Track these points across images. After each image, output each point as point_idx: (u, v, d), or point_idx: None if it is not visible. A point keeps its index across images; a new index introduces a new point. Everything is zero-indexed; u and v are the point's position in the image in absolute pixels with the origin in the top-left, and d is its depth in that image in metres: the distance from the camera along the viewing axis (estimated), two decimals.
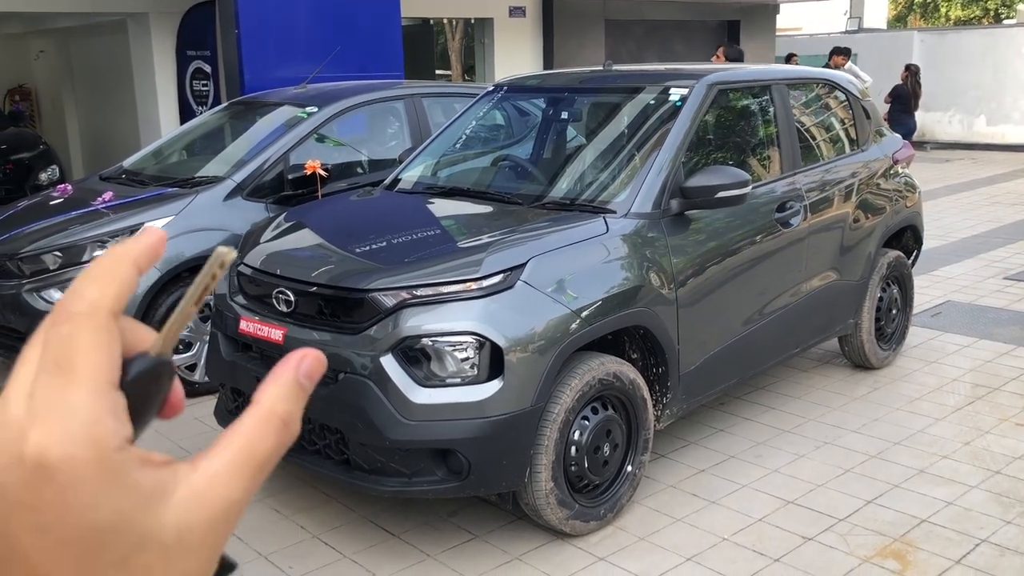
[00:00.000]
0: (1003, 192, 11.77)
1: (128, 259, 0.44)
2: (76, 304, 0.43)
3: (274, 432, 0.43)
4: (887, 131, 5.59)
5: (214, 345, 3.94)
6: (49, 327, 0.43)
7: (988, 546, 3.43)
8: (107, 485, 0.40)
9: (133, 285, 0.44)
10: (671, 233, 3.80)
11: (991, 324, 6.11)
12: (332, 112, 5.73)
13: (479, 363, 3.19)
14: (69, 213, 5.15)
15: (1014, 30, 17.10)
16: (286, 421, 0.43)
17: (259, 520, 3.76)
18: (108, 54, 11.16)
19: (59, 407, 0.41)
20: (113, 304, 0.43)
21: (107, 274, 0.44)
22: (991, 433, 4.41)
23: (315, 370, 0.44)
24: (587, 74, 4.92)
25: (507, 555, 3.46)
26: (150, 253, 0.45)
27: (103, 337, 0.42)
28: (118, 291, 0.43)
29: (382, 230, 4.01)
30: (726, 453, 4.27)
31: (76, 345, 0.42)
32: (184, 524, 0.41)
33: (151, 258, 0.45)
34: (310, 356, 0.45)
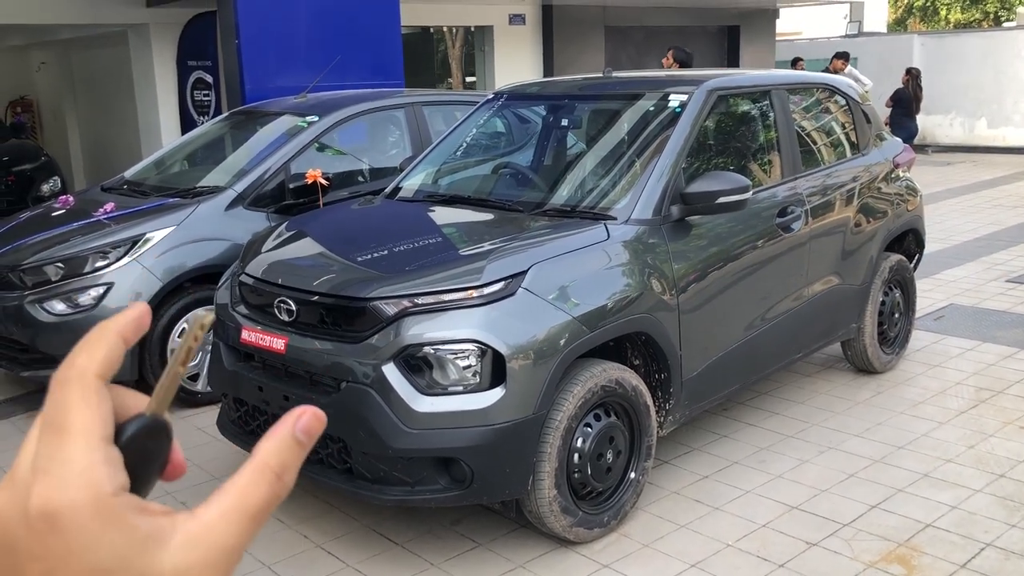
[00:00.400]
0: (1004, 195, 11.76)
1: (113, 331, 0.49)
2: (67, 372, 0.47)
3: (267, 484, 0.46)
4: (887, 135, 5.59)
5: (216, 355, 3.94)
6: (47, 397, 0.47)
7: (993, 550, 3.41)
8: (105, 527, 0.43)
9: (119, 353, 0.48)
10: (672, 239, 3.80)
11: (994, 327, 6.10)
12: (333, 121, 5.74)
13: (481, 371, 3.19)
14: (71, 224, 5.16)
15: (1014, 33, 17.11)
16: (279, 473, 0.46)
17: (262, 530, 3.74)
18: (109, 65, 11.20)
19: (56, 461, 0.44)
20: (100, 368, 0.47)
21: (94, 344, 0.48)
22: (995, 436, 4.40)
23: (312, 426, 0.47)
24: (587, 81, 4.93)
25: (511, 563, 3.45)
26: (134, 325, 0.50)
27: (91, 397, 0.46)
28: (104, 357, 0.47)
29: (383, 238, 4.02)
30: (729, 459, 4.26)
31: (68, 406, 0.46)
32: (182, 568, 0.43)
33: (136, 329, 0.50)
34: (308, 413, 0.47)
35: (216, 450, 4.44)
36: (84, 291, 4.82)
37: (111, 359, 0.48)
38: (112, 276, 4.84)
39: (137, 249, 4.91)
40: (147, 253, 4.91)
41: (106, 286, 4.81)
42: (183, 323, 5.02)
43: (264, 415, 3.70)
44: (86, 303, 4.80)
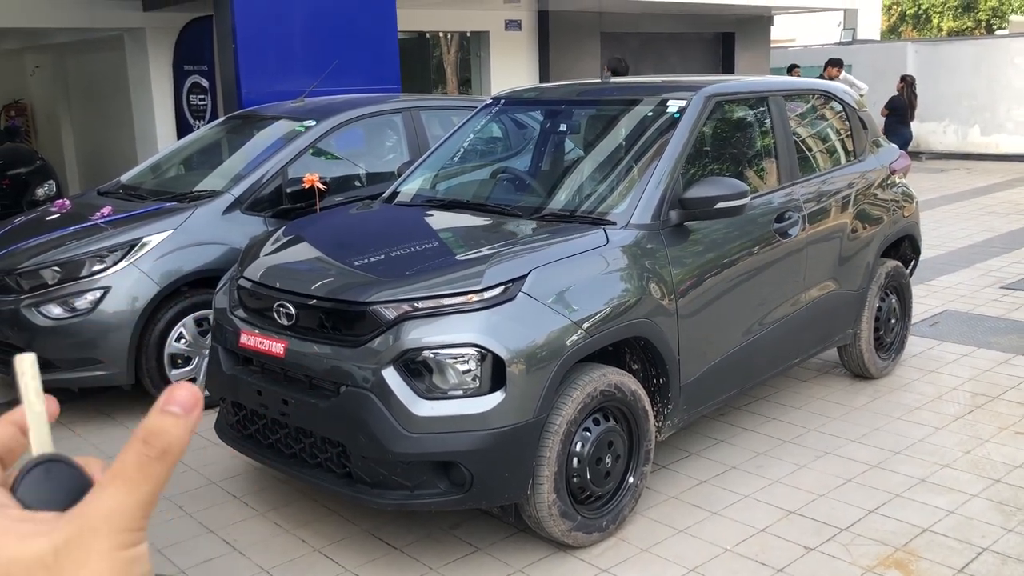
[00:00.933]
0: (998, 202, 11.82)
1: (5, 420, 0.57)
2: None
3: (132, 450, 0.51)
4: (884, 141, 5.62)
5: (214, 359, 3.94)
6: None
7: (990, 555, 3.42)
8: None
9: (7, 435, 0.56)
10: (671, 244, 3.81)
11: (989, 333, 6.13)
12: (330, 125, 5.74)
13: (481, 375, 3.19)
14: (67, 228, 5.15)
15: (1006, 40, 17.21)
16: (143, 439, 0.51)
17: (260, 535, 3.75)
18: (104, 69, 11.18)
19: None
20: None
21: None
22: (991, 442, 4.42)
23: (180, 396, 0.52)
24: (585, 86, 4.94)
25: (509, 567, 3.45)
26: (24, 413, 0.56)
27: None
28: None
29: (382, 243, 4.02)
30: (727, 464, 4.27)
31: None
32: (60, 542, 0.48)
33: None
34: (179, 387, 0.53)
35: (214, 454, 4.43)
36: (81, 295, 4.81)
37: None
38: (109, 280, 4.83)
39: (134, 253, 4.90)
40: (144, 257, 4.90)
41: (103, 290, 4.81)
42: (180, 327, 5.01)
43: (263, 419, 3.70)
44: (83, 307, 4.79)
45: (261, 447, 3.72)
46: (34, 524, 0.49)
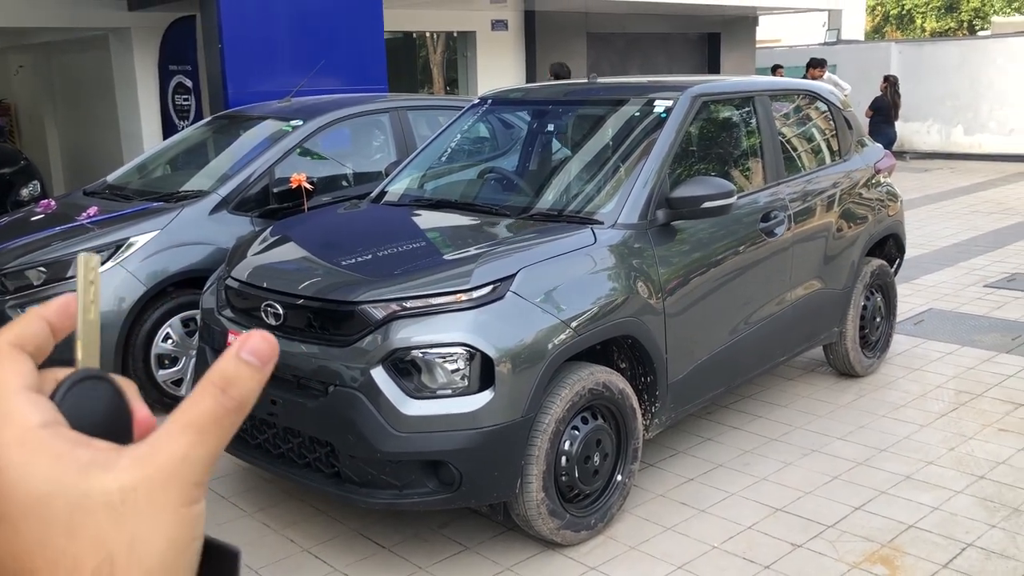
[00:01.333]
0: (981, 201, 11.91)
1: (35, 313, 0.51)
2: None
3: (209, 397, 0.46)
4: (869, 141, 5.66)
5: (202, 359, 3.93)
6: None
7: (974, 550, 3.46)
8: (34, 456, 0.43)
9: (38, 329, 0.50)
10: (658, 243, 3.83)
11: (973, 331, 6.18)
12: (317, 125, 5.74)
13: (470, 374, 3.20)
14: (53, 228, 5.13)
15: (989, 41, 17.34)
16: (222, 388, 0.46)
17: (249, 535, 3.74)
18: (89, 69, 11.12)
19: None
20: (12, 338, 0.49)
21: (14, 323, 0.50)
22: (975, 439, 4.46)
23: (258, 347, 0.47)
24: (572, 87, 4.96)
25: (498, 566, 3.46)
26: (61, 310, 0.51)
27: (4, 360, 0.48)
28: (19, 331, 0.50)
29: (370, 243, 4.02)
30: (714, 462, 4.29)
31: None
32: (128, 484, 0.44)
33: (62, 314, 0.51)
34: (255, 335, 0.48)
35: None
36: None
37: (27, 332, 0.49)
38: None
39: (120, 253, 4.88)
40: (131, 257, 4.89)
41: None
42: (167, 327, 5.00)
43: (251, 419, 3.69)
44: None
45: (249, 447, 3.72)
46: (93, 452, 0.45)
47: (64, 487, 0.43)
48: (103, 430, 0.46)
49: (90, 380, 0.48)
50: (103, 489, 0.43)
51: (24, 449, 0.44)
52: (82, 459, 0.44)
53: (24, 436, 0.44)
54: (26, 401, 0.45)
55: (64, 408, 0.46)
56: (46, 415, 0.45)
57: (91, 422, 0.46)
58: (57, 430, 0.45)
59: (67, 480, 0.43)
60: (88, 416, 0.47)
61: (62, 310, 0.51)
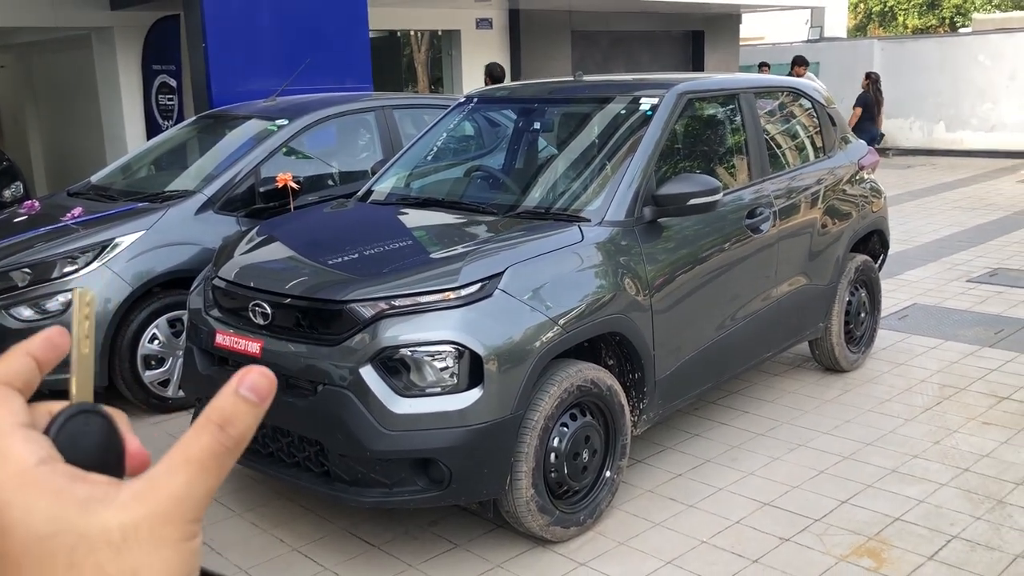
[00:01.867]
0: (963, 197, 12.00)
1: (20, 349, 0.51)
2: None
3: (208, 434, 0.46)
4: (852, 137, 5.70)
5: (189, 359, 3.92)
6: None
7: (959, 542, 3.49)
8: (34, 495, 0.44)
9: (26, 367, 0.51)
10: (644, 240, 3.85)
11: (956, 326, 6.23)
12: (302, 124, 5.73)
13: (458, 372, 3.21)
14: (37, 229, 5.10)
15: (970, 38, 17.48)
16: (220, 425, 0.47)
17: (238, 534, 3.74)
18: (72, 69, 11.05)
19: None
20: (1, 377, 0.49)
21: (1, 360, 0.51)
22: (959, 432, 4.50)
23: (257, 383, 0.48)
24: (557, 85, 4.97)
25: (488, 563, 3.47)
26: (44, 344, 0.52)
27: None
28: (5, 369, 0.50)
29: (357, 241, 4.02)
30: (702, 457, 4.31)
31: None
32: (128, 521, 0.44)
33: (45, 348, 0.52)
34: (254, 371, 0.48)
35: None
36: (52, 297, 4.76)
37: (13, 369, 0.50)
38: (80, 282, 4.78)
39: (106, 254, 4.86)
40: (116, 258, 4.87)
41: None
42: (153, 328, 4.98)
43: None
44: (54, 309, 4.75)
45: None
46: (91, 488, 0.45)
47: (65, 524, 0.43)
48: (97, 463, 0.47)
49: (83, 414, 0.48)
50: (104, 526, 0.44)
51: (23, 488, 0.44)
52: (81, 495, 0.44)
53: (23, 475, 0.44)
54: (22, 439, 0.46)
55: (59, 443, 0.47)
56: (42, 452, 0.45)
57: (85, 456, 0.47)
58: (54, 466, 0.45)
59: (67, 517, 0.43)
60: (82, 450, 0.47)
61: (46, 344, 0.52)
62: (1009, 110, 16.45)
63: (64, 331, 0.53)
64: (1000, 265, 7.94)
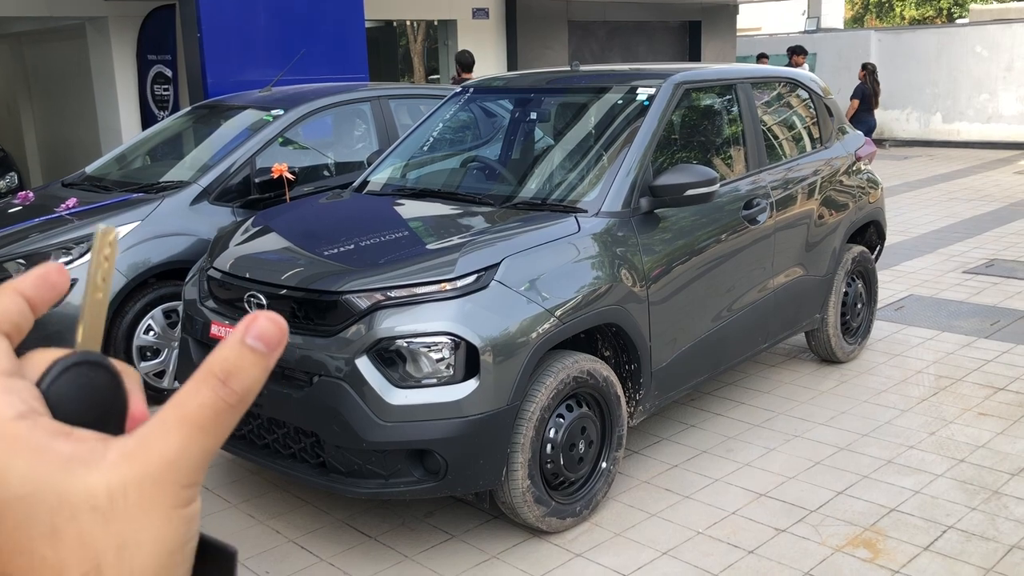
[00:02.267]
0: (960, 188, 12.01)
1: (9, 287, 0.46)
2: None
3: (209, 389, 0.42)
4: (849, 128, 5.69)
5: (185, 350, 3.91)
6: None
7: (955, 532, 3.50)
8: (10, 453, 0.39)
9: (15, 306, 0.45)
10: (641, 231, 3.84)
11: (952, 317, 6.24)
12: (298, 115, 5.70)
13: (455, 363, 3.20)
14: (32, 220, 5.07)
15: (967, 29, 17.45)
16: (222, 379, 0.42)
17: (234, 526, 3.74)
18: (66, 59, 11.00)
19: None
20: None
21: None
22: (955, 423, 4.51)
23: (266, 331, 0.43)
24: (554, 75, 4.95)
25: (485, 554, 3.47)
26: (38, 281, 0.47)
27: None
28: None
29: (353, 232, 4.01)
30: (698, 448, 4.31)
31: None
32: (116, 484, 0.40)
33: (37, 284, 0.47)
34: (261, 316, 0.43)
35: None
36: None
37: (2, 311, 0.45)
38: (75, 272, 4.75)
39: None
40: None
41: (70, 282, 4.73)
42: (149, 319, 4.96)
43: None
44: None
45: (234, 438, 3.70)
46: (75, 445, 0.40)
47: (43, 485, 0.39)
48: (92, 421, 0.42)
49: (86, 365, 0.43)
50: (88, 490, 0.39)
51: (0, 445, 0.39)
52: (63, 453, 0.40)
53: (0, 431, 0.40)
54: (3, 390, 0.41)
55: (51, 393, 0.42)
56: (22, 405, 0.41)
57: (80, 411, 0.42)
58: (35, 420, 0.40)
59: (48, 479, 0.39)
60: (78, 404, 0.42)
61: (40, 281, 0.47)
62: (1006, 101, 16.45)
63: (62, 267, 0.48)
64: (996, 256, 7.94)
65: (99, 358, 0.44)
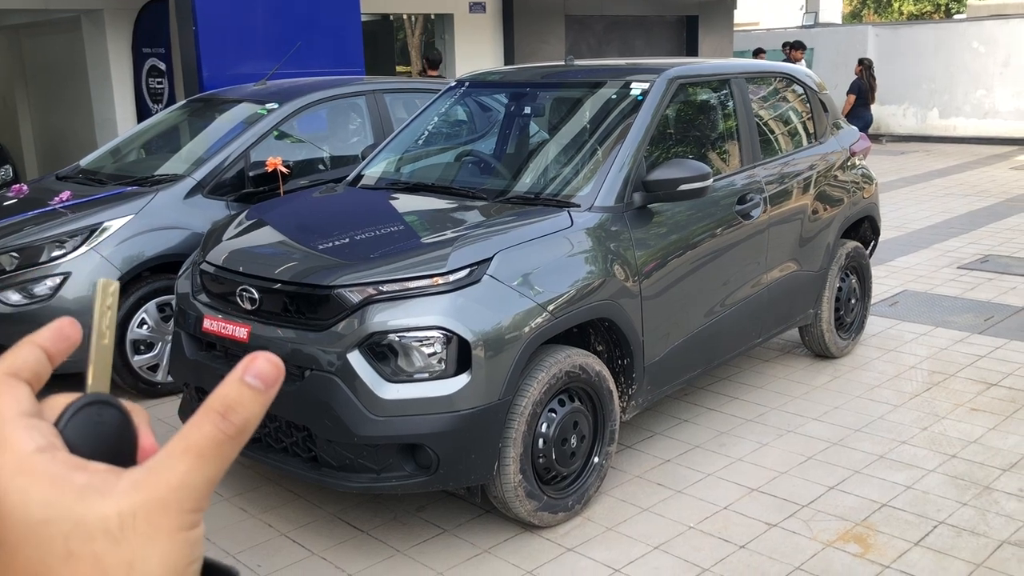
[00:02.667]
0: (955, 183, 12.01)
1: (28, 341, 0.51)
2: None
3: (209, 423, 0.46)
4: (844, 123, 5.69)
5: (177, 344, 3.91)
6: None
7: (945, 527, 3.51)
8: (30, 482, 0.44)
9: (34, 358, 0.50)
10: (634, 226, 3.84)
11: (946, 312, 6.25)
12: (293, 108, 5.69)
13: (446, 358, 3.20)
14: (26, 213, 5.07)
15: (964, 24, 17.45)
16: (222, 413, 0.46)
17: (226, 519, 3.74)
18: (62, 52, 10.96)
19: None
20: (7, 368, 0.49)
21: (8, 353, 0.51)
22: (947, 418, 4.51)
23: (264, 370, 0.47)
24: (549, 69, 4.94)
25: (476, 548, 3.48)
26: (55, 335, 0.52)
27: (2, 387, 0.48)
28: (12, 360, 0.50)
29: (346, 226, 4.00)
30: (691, 443, 4.32)
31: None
32: (126, 509, 0.44)
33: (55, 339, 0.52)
34: (260, 357, 0.47)
35: None
36: (40, 281, 4.74)
37: (21, 361, 0.50)
38: (69, 265, 4.76)
39: (95, 238, 4.84)
40: (105, 242, 4.84)
41: (63, 276, 4.74)
42: (142, 312, 4.96)
43: None
44: (42, 293, 4.73)
45: None
46: (89, 476, 0.45)
47: (61, 513, 0.43)
48: (106, 455, 0.47)
49: (96, 405, 0.48)
50: (101, 515, 0.43)
51: (20, 474, 0.44)
52: (78, 483, 0.44)
53: (20, 461, 0.44)
54: (22, 427, 0.46)
55: (68, 432, 0.46)
56: (41, 440, 0.45)
57: (94, 447, 0.47)
58: (54, 454, 0.45)
59: (64, 505, 0.43)
60: (92, 441, 0.47)
61: (56, 335, 0.52)
62: (1003, 97, 16.45)
63: (74, 322, 0.52)
64: (991, 252, 7.95)
65: (109, 398, 0.49)
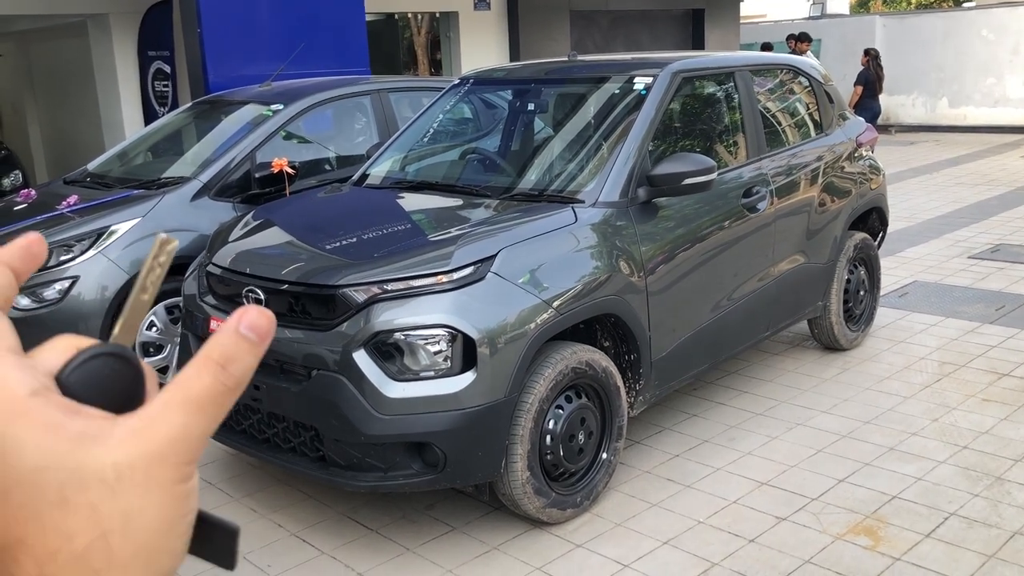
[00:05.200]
0: (966, 173, 11.94)
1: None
2: None
3: (208, 373, 0.45)
4: (850, 114, 5.66)
5: (185, 346, 3.92)
6: None
7: (956, 519, 3.49)
8: (24, 426, 0.42)
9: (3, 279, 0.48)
10: (639, 221, 3.83)
11: (957, 303, 6.21)
12: (298, 109, 5.70)
13: (452, 355, 3.20)
14: (34, 218, 5.09)
15: (973, 13, 17.33)
16: (222, 364, 0.45)
17: (237, 520, 3.71)
18: (69, 57, 11.02)
19: None
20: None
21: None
22: (958, 409, 4.49)
23: (257, 322, 0.46)
24: (553, 65, 4.93)
25: (485, 546, 3.48)
26: (21, 252, 0.49)
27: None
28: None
29: (351, 226, 4.01)
30: (700, 437, 4.31)
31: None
32: (123, 460, 0.43)
33: (23, 256, 0.49)
34: (252, 310, 0.47)
35: None
36: (49, 285, 4.76)
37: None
38: (77, 269, 4.78)
39: (102, 242, 4.86)
40: (112, 245, 4.86)
41: (71, 280, 4.76)
42: (151, 315, 4.98)
43: (235, 405, 3.68)
44: (51, 297, 4.75)
45: (234, 433, 3.72)
46: (85, 422, 0.43)
47: (55, 458, 0.42)
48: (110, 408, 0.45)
49: (113, 357, 0.46)
50: (97, 464, 0.42)
51: (13, 419, 0.42)
52: (74, 429, 0.42)
53: (13, 405, 0.42)
54: (13, 366, 0.43)
55: (73, 378, 0.45)
56: (35, 382, 0.43)
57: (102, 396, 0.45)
58: (48, 397, 0.43)
59: (59, 451, 0.42)
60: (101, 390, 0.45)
61: (24, 252, 0.49)
62: (1013, 85, 16.33)
63: (42, 239, 0.50)
64: (1002, 241, 7.90)
65: (126, 352, 0.47)
